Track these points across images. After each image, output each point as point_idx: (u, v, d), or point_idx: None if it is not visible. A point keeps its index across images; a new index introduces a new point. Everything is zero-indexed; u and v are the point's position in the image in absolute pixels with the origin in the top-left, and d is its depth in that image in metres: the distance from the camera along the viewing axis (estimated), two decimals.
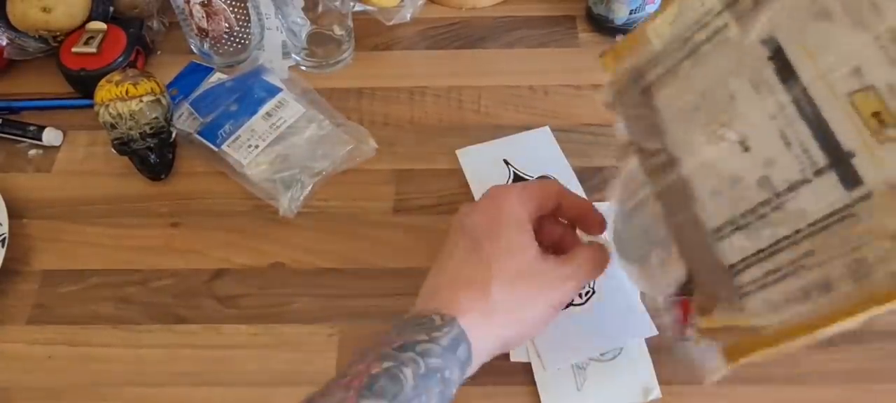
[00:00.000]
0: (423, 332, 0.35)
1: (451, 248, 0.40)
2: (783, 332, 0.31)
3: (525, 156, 0.57)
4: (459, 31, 0.68)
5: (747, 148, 0.32)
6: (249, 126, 0.57)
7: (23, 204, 0.56)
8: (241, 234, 0.53)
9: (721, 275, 0.33)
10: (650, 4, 0.64)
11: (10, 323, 0.49)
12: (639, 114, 0.38)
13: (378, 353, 0.34)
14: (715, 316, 0.34)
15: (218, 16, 0.60)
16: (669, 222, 0.36)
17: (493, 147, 0.58)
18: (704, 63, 0.34)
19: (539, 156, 0.57)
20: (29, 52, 0.64)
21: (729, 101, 0.33)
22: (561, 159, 0.57)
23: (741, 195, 0.32)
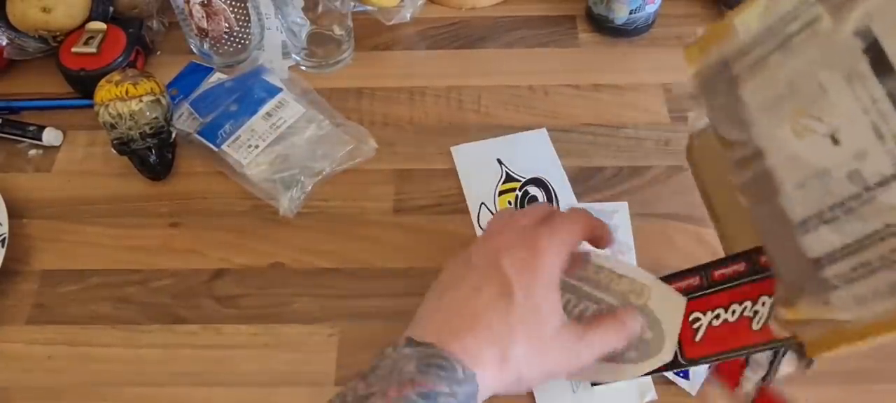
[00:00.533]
0: (446, 383, 0.34)
1: (479, 280, 0.38)
2: (870, 327, 0.31)
3: (519, 156, 0.57)
4: (459, 31, 0.68)
5: (837, 141, 0.31)
6: (249, 126, 0.57)
7: (23, 204, 0.56)
8: (240, 234, 0.53)
9: (806, 268, 0.33)
10: (650, 4, 0.64)
11: (10, 323, 0.49)
12: (724, 104, 0.37)
13: (396, 394, 0.34)
14: (799, 309, 0.33)
15: (218, 16, 0.60)
16: (754, 215, 0.36)
17: (488, 145, 0.58)
18: (795, 55, 0.33)
19: (533, 158, 0.57)
20: (29, 52, 0.64)
21: (819, 94, 0.32)
22: (555, 161, 0.57)
23: (829, 188, 0.32)
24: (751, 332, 0.37)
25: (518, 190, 0.55)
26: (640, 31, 0.66)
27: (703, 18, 0.68)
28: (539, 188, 0.55)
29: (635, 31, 0.66)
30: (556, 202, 0.54)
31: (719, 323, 0.38)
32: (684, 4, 0.69)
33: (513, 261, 0.38)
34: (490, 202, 0.55)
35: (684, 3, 0.69)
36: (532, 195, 0.55)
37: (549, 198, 0.55)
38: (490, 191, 0.55)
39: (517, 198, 0.55)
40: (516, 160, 0.57)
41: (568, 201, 0.54)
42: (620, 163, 0.57)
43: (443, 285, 0.40)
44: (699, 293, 0.40)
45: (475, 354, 0.36)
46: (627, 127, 0.59)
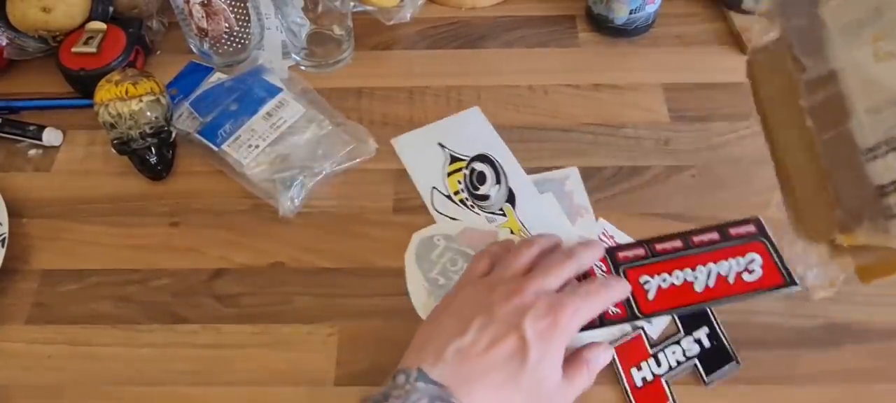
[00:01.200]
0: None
1: (498, 334, 0.40)
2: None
3: (459, 137, 0.58)
4: (459, 31, 0.68)
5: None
6: (249, 126, 0.57)
7: (22, 203, 0.56)
8: (240, 234, 0.53)
9: (869, 195, 0.33)
10: (650, 4, 0.64)
11: (10, 323, 0.49)
12: (802, 25, 0.37)
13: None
14: (858, 236, 0.34)
15: (218, 16, 0.60)
16: (819, 138, 0.36)
17: (427, 132, 0.59)
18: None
19: (473, 136, 0.58)
20: (29, 52, 0.64)
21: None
22: (495, 136, 0.58)
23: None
24: (694, 293, 0.46)
25: (465, 168, 0.56)
26: (640, 31, 0.66)
27: (704, 18, 0.68)
28: (485, 163, 0.57)
29: (635, 31, 0.66)
30: (503, 176, 0.56)
31: (667, 286, 0.46)
32: (684, 4, 0.69)
33: (535, 326, 0.40)
34: (441, 185, 0.55)
35: (684, 3, 0.69)
36: (480, 171, 0.56)
37: (497, 173, 0.56)
38: (438, 175, 0.56)
39: (466, 175, 0.56)
40: (457, 141, 0.58)
41: (516, 174, 0.56)
42: (620, 162, 0.57)
43: (455, 319, 0.41)
44: (645, 261, 0.48)
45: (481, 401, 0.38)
46: (627, 127, 0.59)
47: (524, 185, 0.55)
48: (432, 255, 0.51)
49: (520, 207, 0.54)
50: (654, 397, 0.45)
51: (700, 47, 0.66)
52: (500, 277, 0.44)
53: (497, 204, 0.54)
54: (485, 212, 0.54)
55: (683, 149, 0.58)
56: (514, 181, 0.55)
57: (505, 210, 0.54)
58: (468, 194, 0.55)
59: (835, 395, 0.45)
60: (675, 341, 0.47)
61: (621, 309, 0.46)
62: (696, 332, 0.47)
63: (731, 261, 0.48)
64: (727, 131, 0.59)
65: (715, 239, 0.49)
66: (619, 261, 0.49)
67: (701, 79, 0.62)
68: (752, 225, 0.50)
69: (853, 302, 0.48)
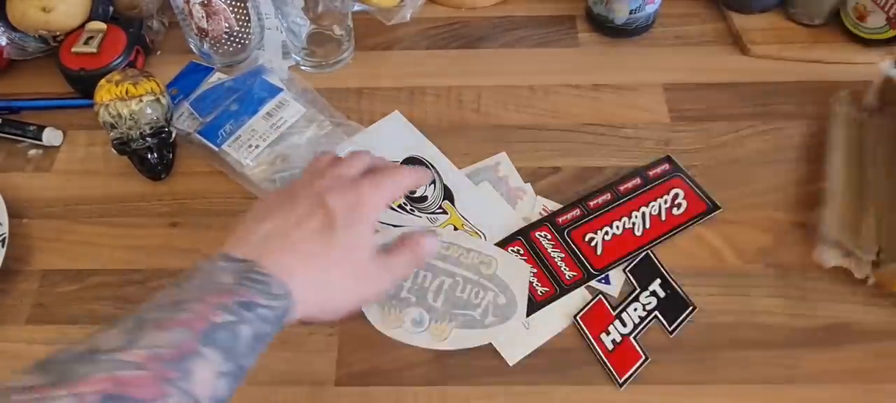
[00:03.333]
0: (262, 295, 0.36)
1: (304, 212, 0.40)
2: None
3: (385, 144, 0.58)
4: (459, 31, 0.68)
5: None
6: (250, 126, 0.57)
7: (23, 203, 0.56)
8: None
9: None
10: (650, 4, 0.64)
11: (10, 323, 0.49)
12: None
13: (216, 301, 0.34)
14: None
15: (218, 16, 0.60)
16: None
17: (353, 143, 0.58)
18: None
19: (399, 142, 0.58)
20: (29, 52, 0.64)
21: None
22: (420, 138, 0.58)
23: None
24: (635, 238, 0.51)
25: None
26: (640, 31, 0.66)
27: (703, 18, 0.68)
28: (416, 166, 0.57)
29: (635, 31, 0.66)
30: (436, 175, 0.56)
31: (610, 238, 0.51)
32: (684, 4, 0.69)
33: (339, 201, 0.41)
34: None
35: (684, 3, 0.69)
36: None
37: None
38: None
39: None
40: (384, 148, 0.56)
41: (449, 171, 0.56)
42: (620, 162, 0.57)
43: (262, 212, 0.42)
44: (585, 220, 0.52)
45: (292, 274, 0.37)
46: (627, 127, 0.59)
47: (459, 180, 0.56)
48: None
49: (459, 202, 0.54)
50: (628, 357, 0.46)
51: (700, 47, 0.66)
52: (302, 178, 0.45)
53: (436, 203, 0.54)
54: (425, 213, 0.54)
55: (683, 149, 0.58)
56: (449, 178, 0.56)
57: (445, 208, 0.54)
58: (405, 199, 0.55)
59: (835, 395, 0.45)
60: (634, 298, 0.49)
61: (577, 271, 0.50)
62: (651, 285, 0.49)
63: (659, 201, 0.53)
64: (727, 131, 0.59)
65: (638, 183, 0.54)
66: (561, 225, 0.52)
67: (701, 79, 0.62)
68: (666, 163, 0.56)
69: (853, 302, 0.48)
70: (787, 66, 0.63)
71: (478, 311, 0.48)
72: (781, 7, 0.67)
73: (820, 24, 0.65)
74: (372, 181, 0.43)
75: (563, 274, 0.50)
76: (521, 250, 0.51)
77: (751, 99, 0.61)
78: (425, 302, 0.49)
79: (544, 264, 0.50)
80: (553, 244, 0.51)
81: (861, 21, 0.62)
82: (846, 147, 0.55)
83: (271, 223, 0.40)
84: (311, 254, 0.39)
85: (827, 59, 0.63)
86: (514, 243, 0.51)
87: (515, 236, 0.52)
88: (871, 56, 0.63)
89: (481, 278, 0.50)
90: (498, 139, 0.58)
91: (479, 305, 0.49)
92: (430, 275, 0.50)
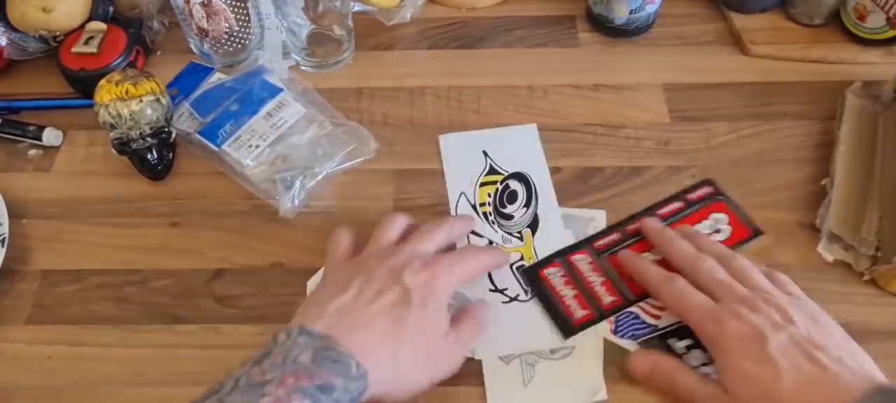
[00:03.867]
0: (341, 377, 0.36)
1: (380, 288, 0.41)
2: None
3: (506, 150, 0.57)
4: (459, 31, 0.68)
5: None
6: (250, 126, 0.57)
7: (22, 204, 0.56)
8: (240, 234, 0.53)
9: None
10: (650, 4, 0.64)
11: (10, 323, 0.49)
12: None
13: (295, 383, 0.35)
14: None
15: (218, 16, 0.60)
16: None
17: (477, 136, 0.58)
18: None
19: (520, 153, 0.57)
20: (29, 52, 0.64)
21: None
22: (540, 159, 0.57)
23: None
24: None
25: (499, 183, 0.55)
26: (640, 31, 0.66)
27: (703, 18, 0.68)
28: (520, 182, 0.55)
29: (635, 31, 0.66)
30: (534, 200, 0.54)
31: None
32: (684, 4, 0.69)
33: (414, 278, 0.42)
34: (469, 193, 0.55)
35: (684, 3, 0.69)
36: (513, 190, 0.55)
37: (529, 195, 0.55)
38: (471, 182, 0.56)
39: (498, 190, 0.55)
40: (503, 153, 0.57)
41: (547, 202, 0.54)
42: (620, 163, 0.57)
43: (337, 285, 0.42)
44: (623, 244, 0.51)
45: (368, 352, 0.38)
46: (627, 127, 0.59)
47: (551, 215, 0.53)
48: None
49: (540, 234, 0.52)
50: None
51: (700, 47, 0.66)
52: (374, 250, 0.46)
53: (518, 226, 0.53)
54: (503, 231, 0.53)
55: (683, 149, 0.58)
56: (544, 208, 0.54)
57: (523, 235, 0.52)
58: (493, 209, 0.54)
59: None
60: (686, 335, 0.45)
61: (616, 296, 0.48)
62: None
63: (699, 226, 0.51)
64: (727, 131, 0.59)
65: (679, 207, 0.52)
66: (599, 249, 0.50)
67: (701, 80, 0.62)
68: (709, 186, 0.54)
69: (853, 303, 0.48)
70: (787, 65, 0.63)
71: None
72: (781, 7, 0.67)
73: (820, 24, 0.65)
74: (448, 262, 0.44)
75: (600, 299, 0.48)
76: (561, 270, 0.50)
77: (751, 99, 0.61)
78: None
79: (582, 287, 0.49)
80: (592, 267, 0.50)
81: (861, 21, 0.62)
82: (857, 139, 0.55)
83: (348, 296, 0.41)
84: (386, 332, 0.40)
85: (827, 58, 0.63)
86: (552, 264, 0.50)
87: (553, 257, 0.51)
88: (871, 56, 0.63)
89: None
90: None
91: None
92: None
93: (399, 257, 0.43)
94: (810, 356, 0.38)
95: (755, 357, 0.39)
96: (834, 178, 0.53)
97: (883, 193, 0.51)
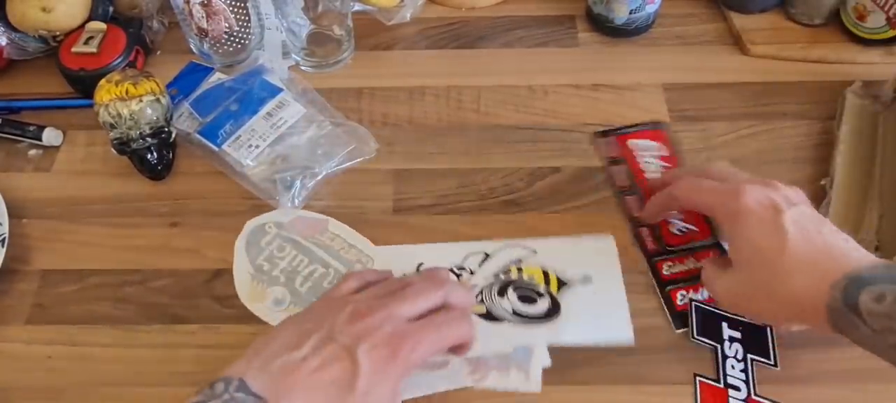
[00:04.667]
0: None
1: (331, 356, 0.38)
2: None
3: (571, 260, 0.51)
4: (459, 31, 0.68)
5: None
6: (250, 126, 0.57)
7: (22, 203, 0.56)
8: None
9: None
10: (650, 4, 0.64)
11: (10, 323, 0.49)
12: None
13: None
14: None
15: (218, 16, 0.60)
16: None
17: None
18: None
19: (580, 261, 0.51)
20: (29, 52, 0.64)
21: None
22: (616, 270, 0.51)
23: None
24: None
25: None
26: (640, 31, 0.66)
27: (703, 18, 0.68)
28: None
29: (635, 31, 0.66)
30: (554, 312, 0.48)
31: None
32: (684, 4, 0.69)
33: (370, 354, 0.38)
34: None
35: (684, 3, 0.69)
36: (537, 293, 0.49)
37: (552, 304, 0.49)
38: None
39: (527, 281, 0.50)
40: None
41: (558, 330, 0.47)
42: None
43: (295, 334, 0.39)
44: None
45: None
46: (627, 127, 0.59)
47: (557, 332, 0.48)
48: (261, 242, 0.52)
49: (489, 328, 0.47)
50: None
51: (700, 47, 0.66)
52: (356, 298, 0.42)
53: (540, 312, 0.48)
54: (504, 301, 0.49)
55: (683, 149, 0.57)
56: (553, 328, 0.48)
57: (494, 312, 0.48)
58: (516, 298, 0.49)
59: (834, 395, 0.45)
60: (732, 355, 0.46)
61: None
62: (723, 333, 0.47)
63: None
64: (727, 131, 0.59)
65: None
66: (664, 280, 0.49)
67: (701, 80, 0.62)
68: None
69: None
70: (787, 65, 0.63)
71: None
72: (781, 7, 0.67)
73: (820, 24, 0.65)
74: (414, 337, 0.39)
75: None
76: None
77: (751, 99, 0.61)
78: (292, 285, 0.50)
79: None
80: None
81: (861, 21, 0.62)
82: (857, 139, 0.55)
83: (296, 354, 0.38)
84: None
85: (827, 58, 0.63)
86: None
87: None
88: (871, 56, 0.63)
89: None
90: (498, 139, 0.58)
91: None
92: (306, 260, 0.51)
93: (370, 318, 0.39)
94: (820, 230, 0.41)
95: (768, 226, 0.41)
96: (834, 178, 0.53)
97: (883, 193, 0.51)
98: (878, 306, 0.36)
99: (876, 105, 0.57)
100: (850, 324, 0.38)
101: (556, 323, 0.48)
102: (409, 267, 0.50)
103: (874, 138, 0.55)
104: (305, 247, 0.52)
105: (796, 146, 0.57)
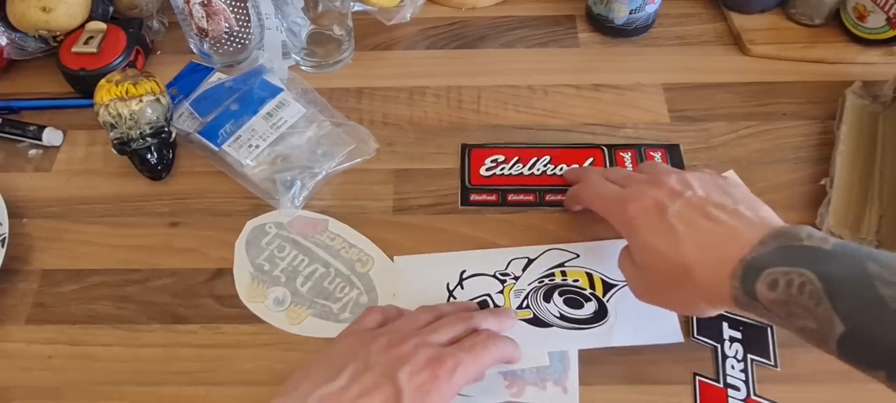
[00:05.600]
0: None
1: (372, 384, 0.37)
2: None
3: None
4: (459, 31, 0.68)
5: None
6: (250, 126, 0.57)
7: (23, 203, 0.56)
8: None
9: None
10: (650, 4, 0.64)
11: (10, 323, 0.49)
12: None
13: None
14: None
15: (218, 16, 0.60)
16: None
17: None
18: None
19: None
20: (29, 51, 0.64)
21: None
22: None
23: None
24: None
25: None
26: (640, 31, 0.66)
27: (703, 18, 0.68)
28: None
29: (635, 31, 0.66)
30: (605, 316, 0.48)
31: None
32: (684, 4, 0.69)
33: (411, 379, 0.38)
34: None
35: (684, 3, 0.69)
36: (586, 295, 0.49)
37: (601, 308, 0.49)
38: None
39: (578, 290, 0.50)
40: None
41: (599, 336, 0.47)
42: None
43: (330, 368, 0.39)
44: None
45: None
46: (627, 127, 0.59)
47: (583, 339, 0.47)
48: (262, 242, 0.52)
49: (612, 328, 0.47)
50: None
51: (700, 47, 0.66)
52: (387, 329, 0.42)
53: (552, 310, 0.48)
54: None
55: (683, 149, 0.58)
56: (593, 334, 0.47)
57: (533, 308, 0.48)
58: (562, 305, 0.49)
59: (833, 395, 0.45)
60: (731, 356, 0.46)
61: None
62: (724, 332, 0.47)
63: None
64: (727, 131, 0.59)
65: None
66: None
67: (701, 80, 0.62)
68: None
69: None
70: (787, 65, 0.63)
71: (337, 305, 0.49)
72: (781, 7, 0.67)
73: (820, 24, 0.65)
74: (453, 361, 0.39)
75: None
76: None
77: (751, 99, 0.61)
78: (292, 285, 0.50)
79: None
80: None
81: (861, 21, 0.62)
82: (857, 139, 0.55)
83: (335, 386, 0.37)
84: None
85: (827, 58, 0.63)
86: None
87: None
88: (871, 56, 0.63)
89: (353, 275, 0.50)
90: (498, 139, 0.58)
91: (340, 299, 0.49)
92: (307, 260, 0.51)
93: (405, 345, 0.39)
94: (707, 214, 0.40)
95: (656, 228, 0.41)
96: (834, 178, 0.53)
97: (883, 193, 0.51)
98: (773, 294, 0.35)
99: (876, 105, 0.57)
100: (759, 313, 0.37)
101: (605, 326, 0.47)
102: (452, 275, 0.50)
103: (874, 138, 0.55)
104: (306, 247, 0.52)
105: (796, 146, 0.58)
